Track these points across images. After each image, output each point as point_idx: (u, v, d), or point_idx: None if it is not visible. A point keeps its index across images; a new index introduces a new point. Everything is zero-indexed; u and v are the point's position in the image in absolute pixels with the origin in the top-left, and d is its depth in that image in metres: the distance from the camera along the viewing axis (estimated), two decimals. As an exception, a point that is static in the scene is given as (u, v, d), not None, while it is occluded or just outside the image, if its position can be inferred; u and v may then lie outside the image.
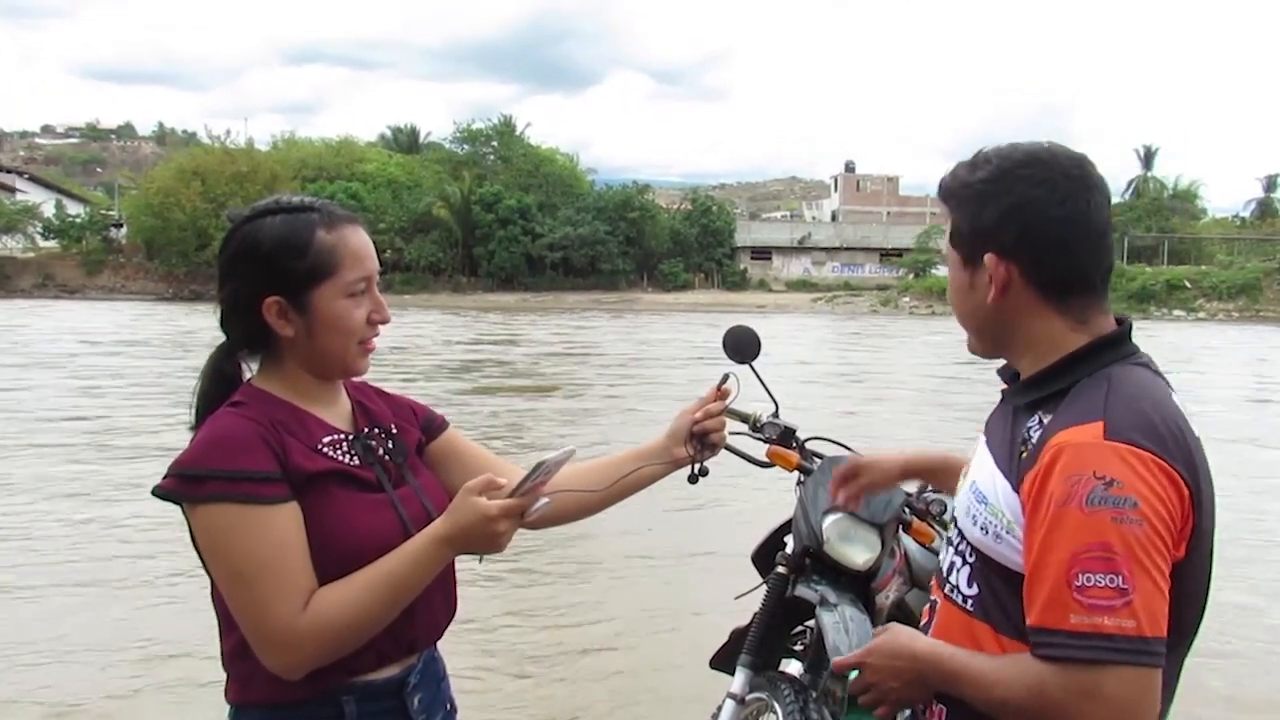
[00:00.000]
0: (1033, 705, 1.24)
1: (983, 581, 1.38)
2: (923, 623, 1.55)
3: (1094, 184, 1.36)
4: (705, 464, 1.75)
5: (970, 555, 1.40)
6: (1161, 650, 1.19)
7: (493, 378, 16.74)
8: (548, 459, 1.37)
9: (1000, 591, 1.34)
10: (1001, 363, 1.52)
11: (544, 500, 1.40)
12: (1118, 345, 1.37)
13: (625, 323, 35.16)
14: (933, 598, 1.52)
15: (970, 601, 1.39)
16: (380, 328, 1.53)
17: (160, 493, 1.38)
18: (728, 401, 1.75)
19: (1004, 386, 1.51)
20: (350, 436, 1.53)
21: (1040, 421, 1.33)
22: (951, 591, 1.43)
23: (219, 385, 1.51)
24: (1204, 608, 1.35)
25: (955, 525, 1.47)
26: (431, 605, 1.54)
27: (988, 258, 1.37)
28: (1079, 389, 1.32)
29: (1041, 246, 1.35)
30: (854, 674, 1.49)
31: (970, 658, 1.34)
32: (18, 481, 7.99)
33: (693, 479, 1.74)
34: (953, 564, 1.45)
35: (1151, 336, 27.82)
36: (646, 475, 1.75)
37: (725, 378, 1.76)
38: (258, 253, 1.45)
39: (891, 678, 1.40)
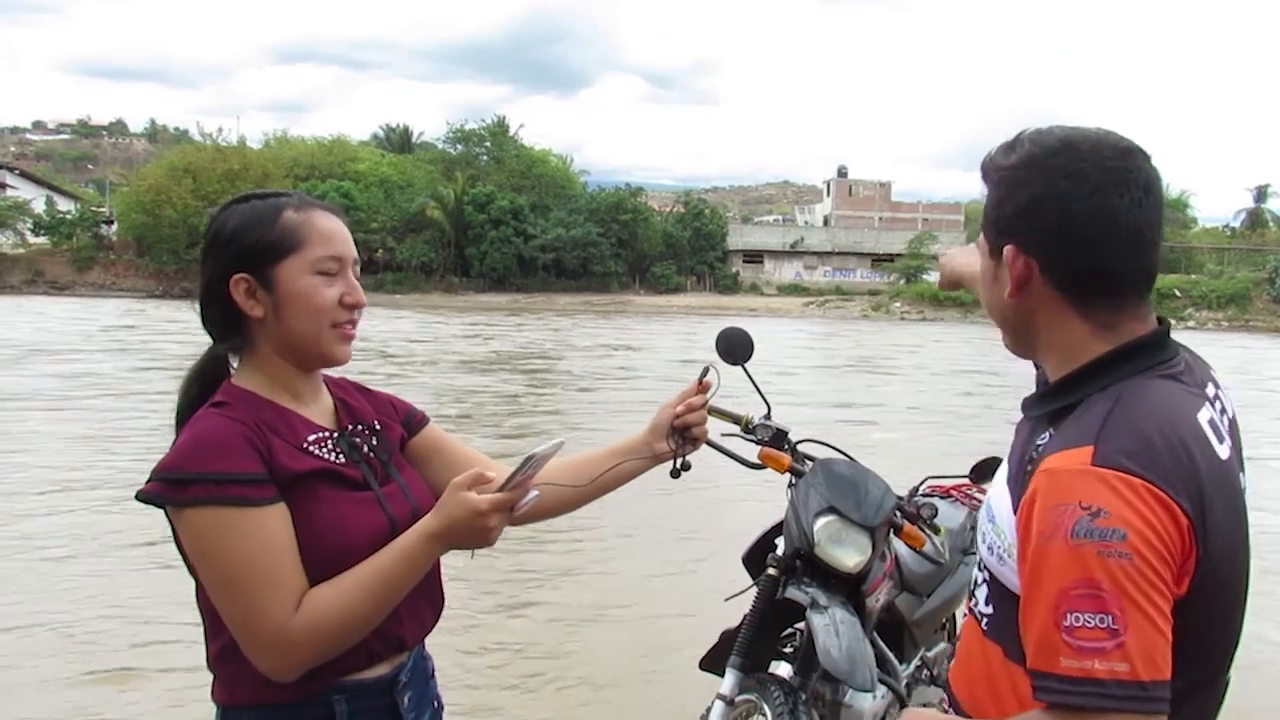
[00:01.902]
0: None
1: (996, 602, 1.29)
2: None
3: (1136, 178, 1.21)
4: (687, 458, 1.75)
5: (986, 573, 1.33)
6: (1164, 695, 1.07)
7: (491, 373, 16.73)
8: (537, 452, 1.36)
9: (1009, 614, 1.23)
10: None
11: (533, 494, 1.39)
12: (1144, 355, 1.24)
13: (617, 324, 35.18)
14: (962, 613, 1.48)
15: (986, 620, 1.32)
16: (357, 314, 1.50)
17: (145, 497, 1.35)
18: (709, 395, 1.75)
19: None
20: (335, 434, 1.51)
21: (1049, 435, 1.22)
22: (974, 608, 1.36)
23: (203, 387, 1.49)
24: (1232, 645, 1.24)
25: (982, 545, 1.40)
26: (419, 603, 1.53)
27: (1006, 250, 1.26)
28: (1087, 404, 1.21)
29: (1061, 243, 1.22)
30: None
31: None
32: None
33: (675, 473, 1.74)
34: (977, 581, 1.36)
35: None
36: (629, 470, 1.74)
37: (705, 371, 1.75)
38: (223, 234, 1.47)
39: None
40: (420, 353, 21.04)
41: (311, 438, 1.47)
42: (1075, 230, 1.21)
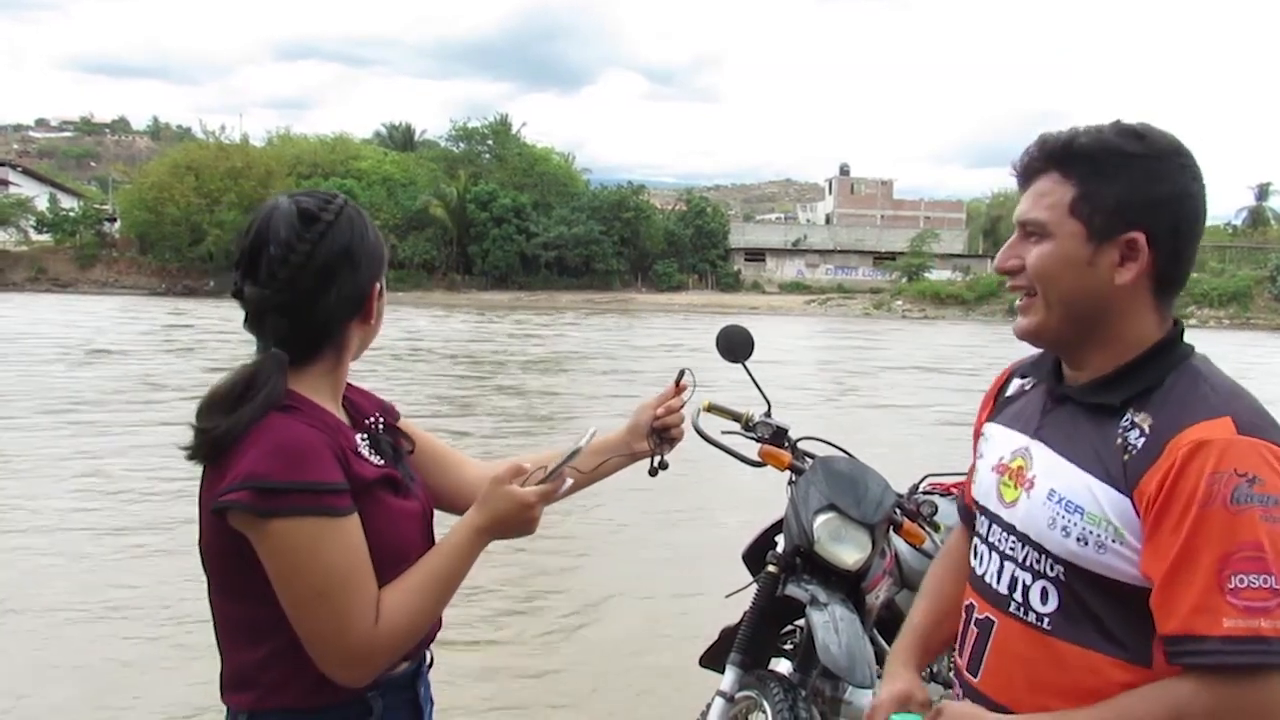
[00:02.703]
0: None
1: (1070, 596, 1.28)
2: (964, 636, 1.46)
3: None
4: (665, 457, 1.78)
5: (1052, 569, 1.30)
6: None
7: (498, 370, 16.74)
8: (582, 445, 1.44)
9: (1095, 605, 1.26)
10: (1001, 357, 1.49)
11: (568, 482, 1.47)
12: (1183, 339, 1.33)
13: (623, 322, 35.17)
14: (979, 616, 1.42)
15: (1047, 620, 1.30)
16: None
17: (233, 506, 1.28)
18: (685, 396, 1.79)
19: (1049, 384, 1.42)
20: (367, 436, 1.51)
21: (1132, 421, 1.26)
22: (1017, 610, 1.34)
23: (249, 390, 1.36)
24: None
25: (1013, 538, 1.37)
26: None
27: (1134, 237, 1.26)
28: (1171, 384, 1.27)
29: (1186, 243, 1.29)
30: None
31: (1071, 716, 1.25)
32: None
33: (653, 472, 1.77)
34: (1015, 580, 1.35)
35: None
36: (609, 468, 1.78)
37: (682, 373, 1.78)
38: (366, 242, 1.45)
39: None
40: (502, 354, 21.03)
41: (358, 441, 1.46)
42: (1196, 233, 1.28)
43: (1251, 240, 62.22)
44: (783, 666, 2.85)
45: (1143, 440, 1.23)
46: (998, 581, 1.38)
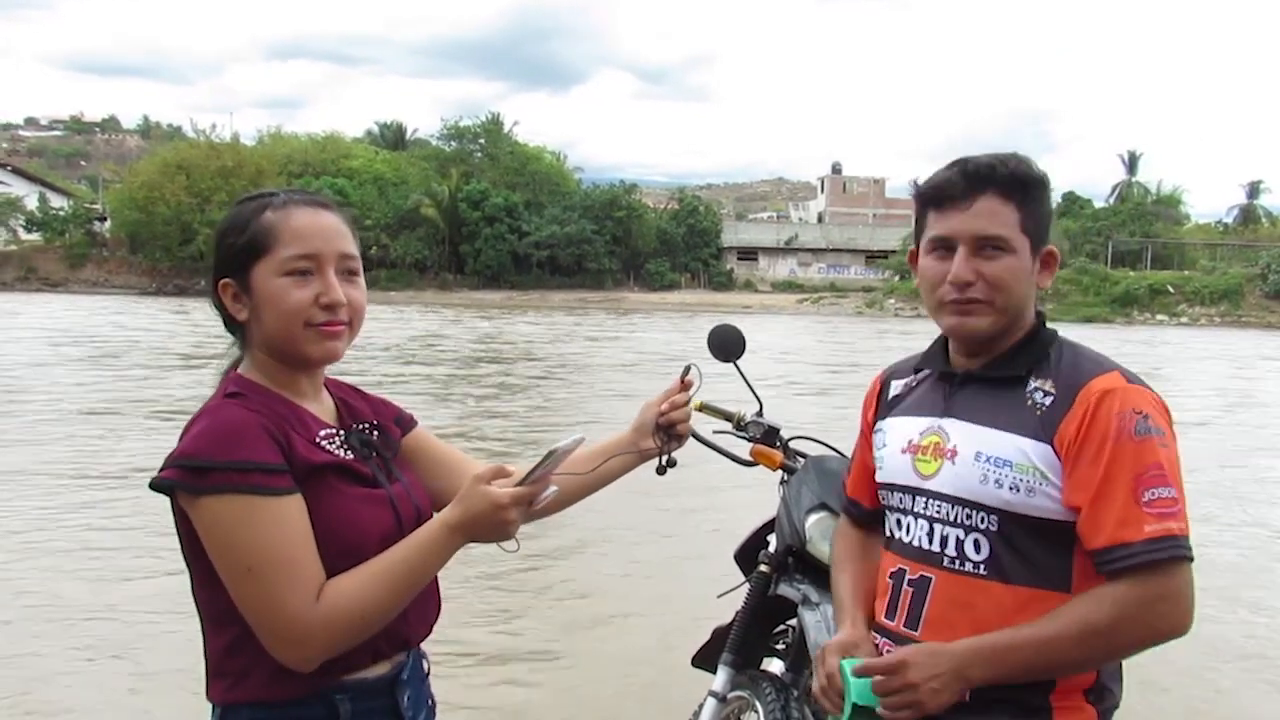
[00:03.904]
0: (1107, 631, 1.41)
1: (1000, 542, 1.50)
2: (894, 601, 1.62)
3: None
4: (672, 455, 1.76)
5: (983, 521, 1.51)
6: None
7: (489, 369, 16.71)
8: (558, 447, 1.38)
9: (1023, 545, 1.49)
10: (896, 355, 1.79)
11: (552, 488, 1.41)
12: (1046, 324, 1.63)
13: (618, 321, 35.17)
14: (913, 577, 1.59)
15: (982, 566, 1.51)
16: (343, 313, 1.45)
17: (159, 484, 1.34)
18: (691, 392, 1.77)
19: (940, 373, 1.66)
20: (343, 431, 1.52)
21: (1035, 385, 1.52)
22: (951, 563, 1.54)
23: (221, 382, 1.51)
24: None
25: (939, 502, 1.56)
26: (424, 602, 1.53)
27: (1051, 249, 1.58)
28: (1055, 356, 1.55)
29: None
30: (853, 701, 1.48)
31: (1012, 634, 1.45)
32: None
33: (661, 470, 1.75)
34: (946, 538, 1.55)
35: (1170, 342, 28.09)
36: (617, 467, 1.75)
37: (687, 369, 1.76)
38: (214, 238, 1.53)
39: (932, 677, 1.44)
40: (553, 355, 20.98)
41: (323, 433, 1.48)
42: None
43: (1242, 238, 62.47)
44: (775, 666, 2.85)
45: (1050, 399, 1.50)
46: (929, 542, 1.57)
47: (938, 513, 1.56)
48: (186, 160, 52.52)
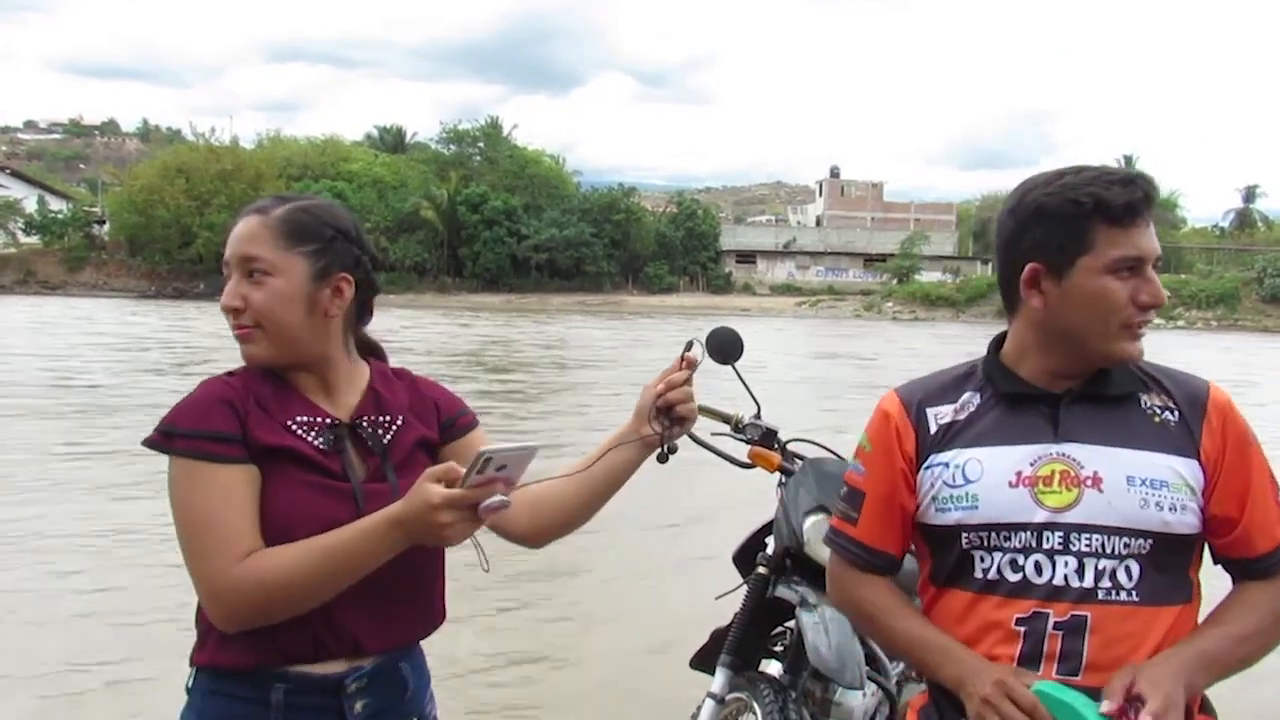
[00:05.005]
0: None
1: (1150, 565, 1.44)
2: (1034, 650, 1.45)
3: None
4: (674, 441, 1.61)
5: (1139, 546, 1.44)
6: None
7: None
8: (494, 450, 1.29)
9: (1166, 563, 1.46)
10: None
11: (499, 498, 1.31)
12: None
13: (620, 324, 35.15)
14: (1060, 619, 1.43)
15: (1135, 591, 1.44)
16: (243, 318, 1.49)
17: (147, 443, 1.46)
18: (692, 370, 1.61)
19: (1027, 394, 1.51)
20: (330, 422, 1.51)
21: (1150, 401, 1.50)
22: (1108, 595, 1.43)
23: None
24: None
25: (1086, 534, 1.43)
26: (392, 610, 1.51)
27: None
28: (1135, 367, 1.53)
29: None
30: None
31: (1214, 638, 1.45)
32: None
33: (662, 458, 1.61)
34: (1101, 571, 1.43)
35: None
36: (621, 461, 1.61)
37: (689, 345, 1.62)
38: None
39: (1180, 707, 1.35)
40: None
41: (301, 419, 1.49)
42: None
43: (1239, 242, 62.58)
44: (773, 668, 2.85)
45: (1175, 413, 1.49)
46: (1080, 579, 1.44)
47: (1087, 546, 1.43)
48: (186, 163, 52.58)
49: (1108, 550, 1.43)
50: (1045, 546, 1.44)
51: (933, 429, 1.55)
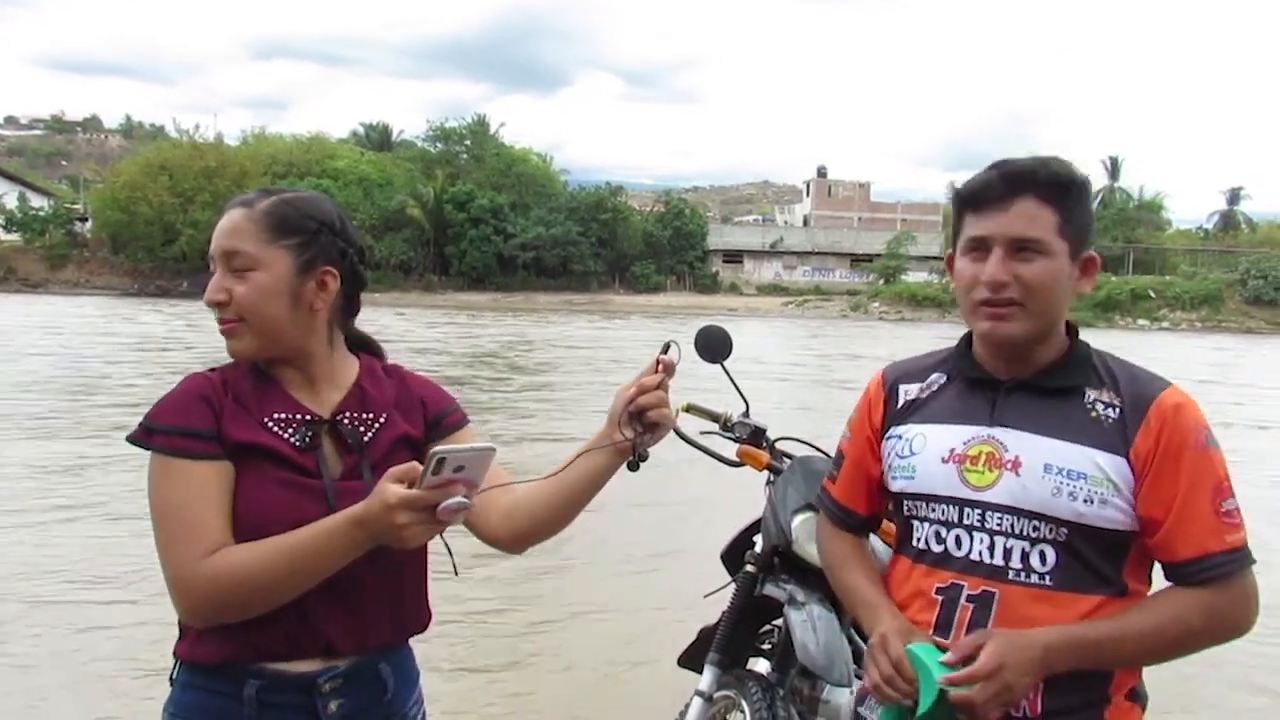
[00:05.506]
0: (1199, 631, 1.47)
1: (1067, 553, 1.49)
2: (947, 617, 1.54)
3: None
4: (646, 449, 1.51)
5: (1052, 532, 1.49)
6: None
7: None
8: (448, 451, 1.27)
9: (1089, 554, 1.49)
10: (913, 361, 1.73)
11: (458, 499, 1.29)
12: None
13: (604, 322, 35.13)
14: (973, 593, 1.52)
15: (1048, 576, 1.50)
16: (226, 312, 1.49)
17: (131, 439, 1.48)
18: (666, 374, 1.52)
19: (976, 378, 1.60)
20: (310, 419, 1.50)
21: (1095, 397, 1.52)
22: (1017, 576, 1.51)
23: None
24: None
25: (1000, 515, 1.51)
26: (366, 611, 1.50)
27: (1092, 255, 1.57)
28: (1101, 365, 1.56)
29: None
30: (939, 688, 1.42)
31: (1100, 626, 1.47)
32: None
33: (632, 466, 1.52)
34: (1011, 551, 1.51)
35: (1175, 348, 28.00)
36: (595, 467, 1.52)
37: (666, 347, 1.53)
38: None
39: (1023, 675, 1.43)
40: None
41: (278, 416, 1.49)
42: None
43: (1223, 244, 63.06)
44: (761, 666, 2.86)
45: (1115, 411, 1.50)
46: (992, 556, 1.52)
47: (999, 525, 1.52)
48: (169, 160, 52.14)
49: (1018, 532, 1.51)
50: (965, 522, 1.55)
51: (899, 403, 1.69)
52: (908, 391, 1.69)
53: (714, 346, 2.78)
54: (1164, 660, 1.53)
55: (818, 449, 3.00)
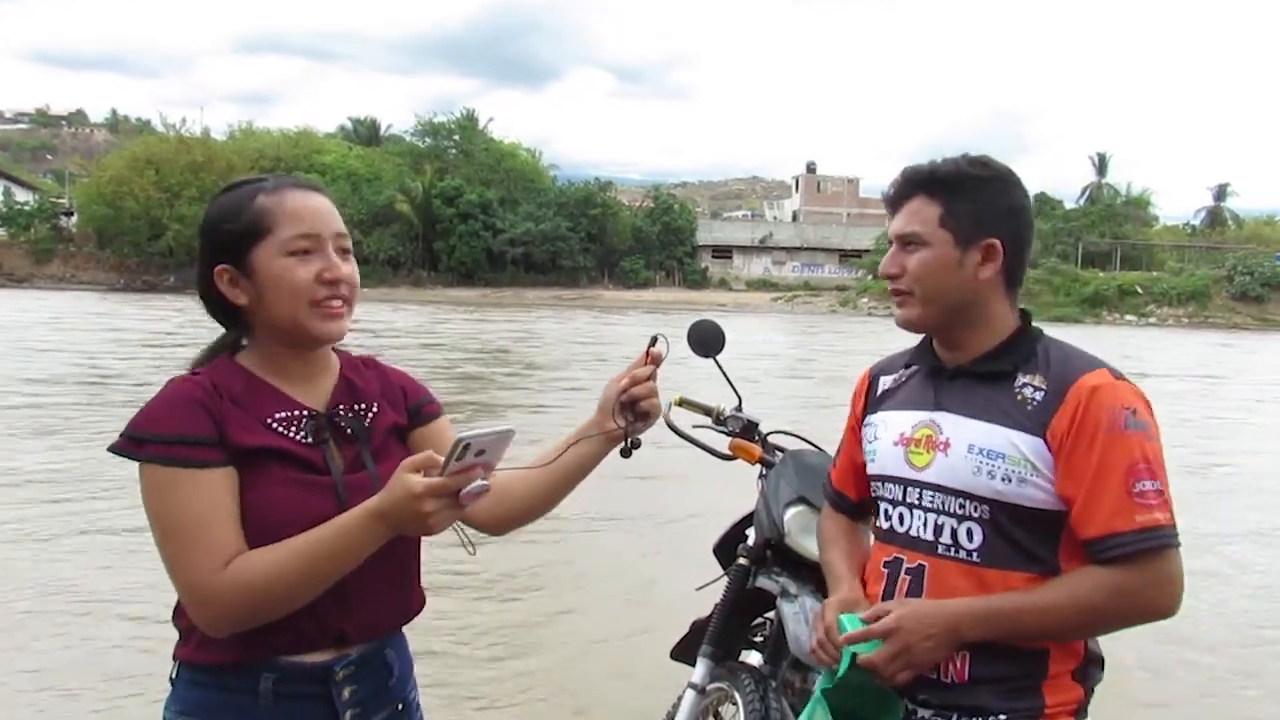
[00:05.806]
0: (1102, 609, 1.51)
1: (993, 530, 1.57)
2: (891, 588, 1.67)
3: None
4: (638, 436, 1.61)
5: (977, 510, 1.58)
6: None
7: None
8: (468, 436, 1.29)
9: (1015, 532, 1.56)
10: (896, 349, 1.85)
11: (480, 483, 1.32)
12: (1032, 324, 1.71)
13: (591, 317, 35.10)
14: (910, 566, 1.65)
15: (975, 553, 1.58)
16: (344, 289, 1.48)
17: (114, 450, 1.42)
18: (656, 365, 1.61)
19: (929, 368, 1.72)
20: (311, 414, 1.50)
21: (1025, 381, 1.59)
22: (946, 550, 1.61)
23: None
24: None
25: (933, 493, 1.62)
26: (372, 599, 1.51)
27: (992, 242, 1.61)
28: (1042, 351, 1.62)
29: (1025, 246, 1.67)
30: (851, 652, 1.56)
31: (1008, 598, 1.54)
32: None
33: (625, 453, 1.60)
34: (941, 526, 1.62)
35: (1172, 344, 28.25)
36: (585, 454, 1.61)
37: (654, 340, 1.61)
38: (205, 226, 1.51)
39: (924, 639, 1.53)
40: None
41: (280, 415, 1.47)
42: (1029, 240, 1.67)
43: (1210, 240, 63.38)
44: (753, 658, 2.86)
45: (1040, 394, 1.56)
46: (925, 532, 1.63)
47: (932, 503, 1.63)
48: (155, 155, 51.91)
49: (947, 509, 1.61)
50: (908, 500, 1.66)
51: (877, 393, 1.82)
52: (884, 382, 1.82)
53: (707, 341, 2.79)
54: (1077, 636, 1.58)
55: (810, 443, 3.01)
